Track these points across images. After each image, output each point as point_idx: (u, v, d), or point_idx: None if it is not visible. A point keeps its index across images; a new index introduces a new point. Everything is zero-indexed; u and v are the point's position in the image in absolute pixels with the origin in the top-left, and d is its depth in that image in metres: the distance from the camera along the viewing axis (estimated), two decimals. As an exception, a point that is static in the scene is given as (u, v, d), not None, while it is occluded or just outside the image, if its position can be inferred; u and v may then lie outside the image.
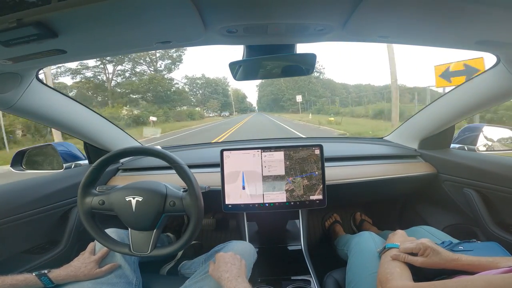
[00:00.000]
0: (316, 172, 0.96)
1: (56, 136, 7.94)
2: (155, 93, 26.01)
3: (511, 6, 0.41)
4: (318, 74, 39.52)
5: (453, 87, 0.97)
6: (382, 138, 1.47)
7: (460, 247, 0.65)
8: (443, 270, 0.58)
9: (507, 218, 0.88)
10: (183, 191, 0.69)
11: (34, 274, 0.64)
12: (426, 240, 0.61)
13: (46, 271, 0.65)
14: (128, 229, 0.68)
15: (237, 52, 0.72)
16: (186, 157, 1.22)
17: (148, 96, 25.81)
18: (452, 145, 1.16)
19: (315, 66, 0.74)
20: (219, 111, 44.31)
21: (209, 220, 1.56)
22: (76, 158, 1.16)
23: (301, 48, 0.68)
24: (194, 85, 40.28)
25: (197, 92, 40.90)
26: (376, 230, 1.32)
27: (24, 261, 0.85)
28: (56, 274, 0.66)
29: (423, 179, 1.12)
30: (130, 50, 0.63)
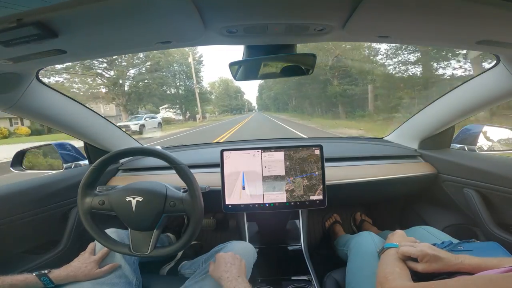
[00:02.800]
0: (316, 172, 0.96)
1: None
2: None
3: (511, 6, 0.41)
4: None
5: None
6: (382, 138, 1.47)
7: (460, 247, 0.65)
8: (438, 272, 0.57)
9: (507, 218, 0.88)
10: (183, 192, 0.69)
11: (34, 274, 0.64)
12: (427, 247, 0.60)
13: (46, 271, 0.65)
14: (128, 229, 0.68)
15: (237, 52, 0.69)
16: (186, 158, 1.22)
17: None
18: (452, 145, 1.16)
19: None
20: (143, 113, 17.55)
21: (209, 220, 1.56)
22: (76, 158, 1.16)
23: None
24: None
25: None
26: (376, 230, 1.32)
27: (24, 261, 0.85)
28: (56, 274, 0.66)
29: (423, 179, 1.12)
30: (130, 50, 0.63)
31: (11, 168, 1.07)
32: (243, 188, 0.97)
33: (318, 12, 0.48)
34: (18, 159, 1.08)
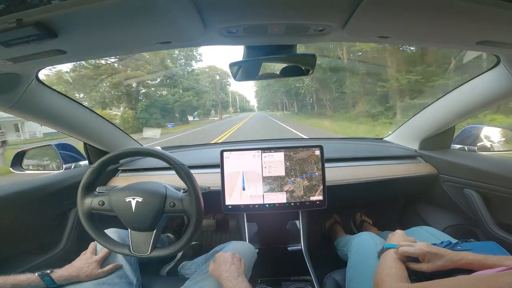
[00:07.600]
0: (316, 173, 0.96)
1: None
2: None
3: (511, 6, 0.41)
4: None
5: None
6: (382, 139, 1.47)
7: (458, 247, 0.65)
8: (443, 270, 0.57)
9: (507, 219, 0.88)
10: (183, 192, 0.69)
11: (36, 274, 0.63)
12: (425, 245, 0.59)
13: (48, 271, 0.65)
14: (128, 230, 0.68)
15: (237, 52, 0.68)
16: (186, 158, 1.22)
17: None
18: (452, 146, 1.16)
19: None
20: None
21: (209, 221, 1.56)
22: (76, 158, 1.16)
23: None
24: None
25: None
26: (376, 231, 1.32)
27: (24, 261, 0.85)
28: (58, 274, 0.66)
29: (424, 179, 1.12)
30: (130, 50, 0.63)
31: (11, 169, 1.07)
32: (243, 189, 0.97)
33: (318, 13, 0.48)
34: (18, 160, 1.08)
